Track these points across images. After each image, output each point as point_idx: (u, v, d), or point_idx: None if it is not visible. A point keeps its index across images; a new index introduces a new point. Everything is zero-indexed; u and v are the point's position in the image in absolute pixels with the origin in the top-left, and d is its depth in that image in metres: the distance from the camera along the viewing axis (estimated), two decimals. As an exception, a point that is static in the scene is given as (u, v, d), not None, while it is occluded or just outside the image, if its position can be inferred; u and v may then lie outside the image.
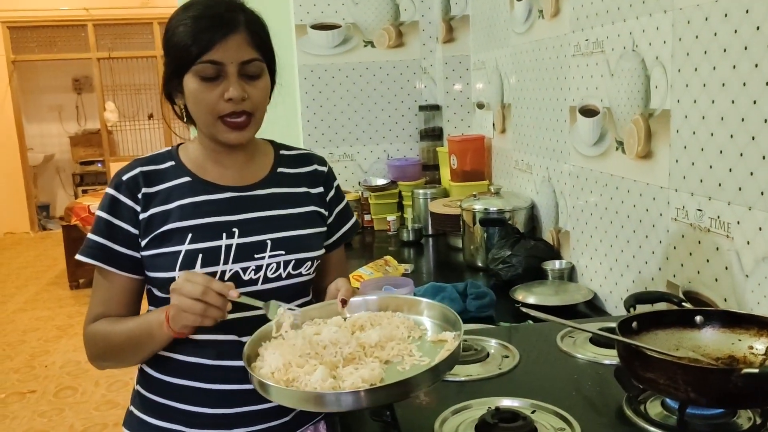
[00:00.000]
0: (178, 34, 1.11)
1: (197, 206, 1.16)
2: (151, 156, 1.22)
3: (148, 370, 1.21)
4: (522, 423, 0.95)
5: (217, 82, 1.11)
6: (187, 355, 1.16)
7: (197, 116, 1.15)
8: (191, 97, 1.12)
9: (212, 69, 1.10)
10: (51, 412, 3.44)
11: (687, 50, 1.33)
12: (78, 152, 8.38)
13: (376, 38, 3.02)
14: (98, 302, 1.18)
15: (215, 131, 1.14)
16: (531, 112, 2.23)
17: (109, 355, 1.17)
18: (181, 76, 1.12)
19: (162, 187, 1.17)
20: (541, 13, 2.08)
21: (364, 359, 0.98)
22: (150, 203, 1.15)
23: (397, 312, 1.13)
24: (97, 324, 1.16)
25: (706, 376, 0.88)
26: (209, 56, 1.09)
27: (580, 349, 1.25)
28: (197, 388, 1.16)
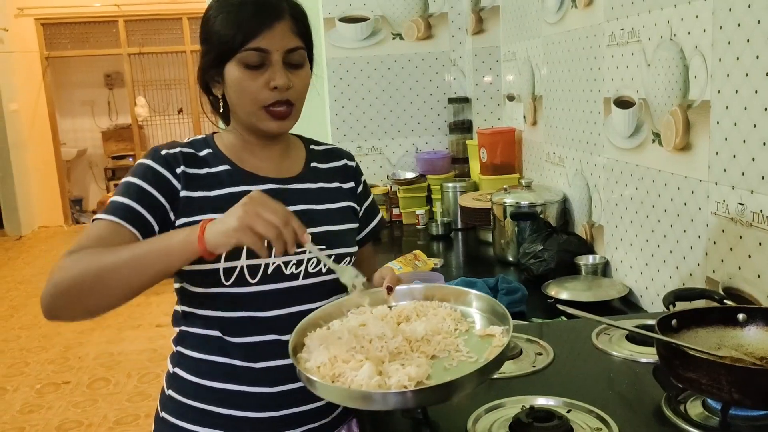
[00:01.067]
0: (221, 21, 1.08)
1: (238, 197, 1.05)
2: (189, 141, 1.18)
3: (183, 373, 1.15)
4: (557, 422, 0.92)
5: (261, 71, 1.08)
6: (228, 358, 1.11)
7: (239, 105, 1.12)
8: (234, 85, 1.09)
9: (257, 57, 1.07)
10: (85, 402, 3.49)
11: (728, 39, 1.29)
12: (110, 147, 8.49)
13: (405, 30, 2.99)
14: (84, 242, 1.03)
15: (257, 120, 1.12)
16: (563, 104, 2.18)
17: (84, 280, 0.98)
18: (222, 65, 1.09)
19: (202, 172, 1.13)
20: (574, 3, 2.03)
21: (410, 354, 0.96)
22: (191, 184, 1.11)
23: (444, 302, 1.11)
24: (79, 253, 1.01)
25: (751, 377, 0.85)
26: (255, 43, 1.07)
27: (616, 347, 1.22)
28: (240, 391, 1.11)
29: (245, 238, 0.91)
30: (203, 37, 1.12)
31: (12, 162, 7.19)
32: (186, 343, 1.16)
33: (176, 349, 1.18)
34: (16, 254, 6.79)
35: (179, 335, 1.18)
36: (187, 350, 1.15)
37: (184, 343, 1.16)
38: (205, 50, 1.11)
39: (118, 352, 4.14)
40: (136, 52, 7.81)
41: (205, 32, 1.11)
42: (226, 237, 0.93)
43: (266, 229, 0.91)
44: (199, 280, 1.10)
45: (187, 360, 1.14)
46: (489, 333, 1.01)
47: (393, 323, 1.04)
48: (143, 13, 7.61)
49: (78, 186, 8.64)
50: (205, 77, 1.14)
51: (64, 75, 8.24)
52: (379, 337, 0.98)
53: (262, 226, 0.91)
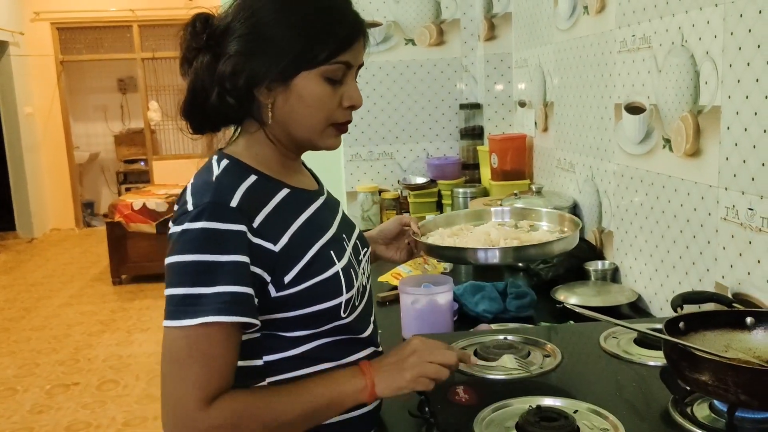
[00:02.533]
0: (303, 24, 0.96)
1: (314, 219, 1.04)
2: (226, 167, 0.99)
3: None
4: (564, 422, 0.92)
5: (338, 86, 1.00)
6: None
7: (305, 119, 1.00)
8: (308, 99, 0.98)
9: (343, 71, 0.99)
10: (94, 404, 3.51)
11: (739, 44, 1.29)
12: (122, 151, 8.58)
13: (417, 36, 3.01)
14: (215, 373, 0.89)
15: (320, 137, 1.02)
16: (574, 110, 2.19)
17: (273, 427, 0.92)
18: (293, 75, 0.97)
19: (269, 209, 0.98)
20: (586, 9, 2.04)
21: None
22: (273, 231, 0.96)
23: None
24: (235, 402, 0.90)
25: (758, 378, 0.85)
26: (345, 57, 0.98)
27: (624, 350, 1.22)
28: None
29: (419, 386, 0.98)
30: (254, 37, 0.96)
31: (25, 165, 7.27)
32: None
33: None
34: (28, 257, 6.85)
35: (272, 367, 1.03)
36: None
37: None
38: (271, 53, 0.96)
39: (128, 355, 4.16)
40: (150, 57, 7.88)
41: (263, 34, 0.96)
42: (399, 390, 0.97)
43: (439, 373, 0.98)
44: (321, 316, 1.00)
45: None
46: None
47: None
48: (157, 18, 7.68)
49: (90, 190, 8.71)
50: (254, 82, 0.97)
51: (78, 79, 8.33)
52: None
53: (435, 372, 0.97)
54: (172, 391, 0.88)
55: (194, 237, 0.90)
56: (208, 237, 0.90)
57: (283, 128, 1.02)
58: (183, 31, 1.02)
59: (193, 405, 0.87)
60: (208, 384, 0.88)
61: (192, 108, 1.03)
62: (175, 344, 0.89)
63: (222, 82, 0.97)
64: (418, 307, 1.52)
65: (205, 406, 0.88)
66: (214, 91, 0.98)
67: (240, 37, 0.97)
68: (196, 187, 0.97)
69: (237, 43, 0.97)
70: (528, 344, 1.26)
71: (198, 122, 1.05)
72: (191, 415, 0.87)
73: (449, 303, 1.54)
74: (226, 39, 0.98)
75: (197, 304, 0.88)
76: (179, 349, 0.88)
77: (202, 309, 0.88)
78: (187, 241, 0.90)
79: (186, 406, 0.87)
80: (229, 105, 0.99)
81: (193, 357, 0.88)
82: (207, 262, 0.89)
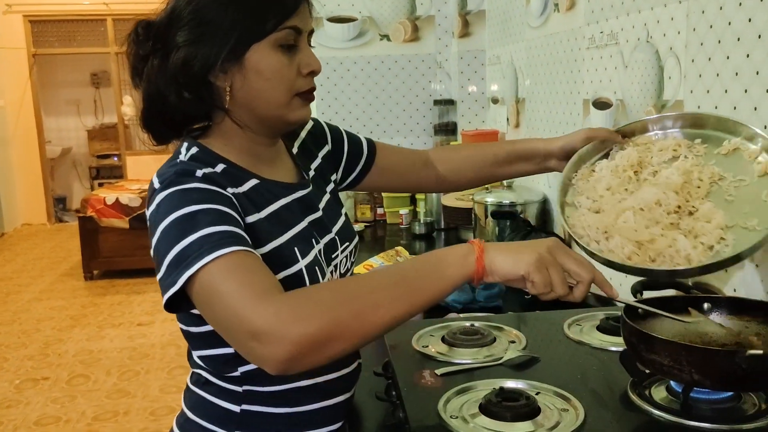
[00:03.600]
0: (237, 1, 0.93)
1: (280, 214, 1.01)
2: (194, 155, 0.98)
3: (256, 408, 1.02)
4: (525, 402, 0.95)
5: (292, 54, 0.97)
6: (312, 378, 1.04)
7: (268, 96, 0.97)
8: (266, 72, 0.95)
9: (294, 36, 0.96)
10: (63, 398, 3.48)
11: (701, 40, 1.33)
12: (95, 146, 8.47)
13: (392, 32, 3.03)
14: (255, 279, 0.83)
15: (288, 111, 1.00)
16: (545, 106, 2.22)
17: (339, 323, 0.79)
18: (244, 51, 0.94)
19: (239, 191, 0.97)
20: (557, 7, 2.07)
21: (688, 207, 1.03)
22: (245, 208, 0.95)
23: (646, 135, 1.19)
24: (302, 290, 0.86)
25: (710, 357, 0.88)
26: (292, 22, 0.96)
27: (587, 336, 1.25)
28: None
29: (536, 275, 0.85)
30: (197, 23, 0.94)
31: (-4, 158, 7.15)
32: (252, 381, 1.02)
33: (243, 388, 1.02)
34: (-2, 251, 6.75)
35: (241, 376, 1.01)
36: (258, 387, 1.02)
37: (250, 381, 1.02)
38: (219, 34, 0.94)
39: (98, 350, 4.12)
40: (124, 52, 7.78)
41: (205, 17, 0.94)
42: (515, 266, 0.85)
43: (563, 283, 0.87)
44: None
45: (260, 395, 1.02)
46: (733, 147, 1.06)
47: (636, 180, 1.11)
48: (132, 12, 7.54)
49: (62, 184, 8.60)
50: (203, 69, 0.95)
51: (51, 73, 8.21)
52: (657, 203, 1.03)
53: (561, 278, 0.87)
54: (228, 322, 0.81)
55: (166, 201, 0.89)
56: (179, 196, 0.89)
57: (249, 109, 0.99)
58: (126, 44, 1.00)
59: (250, 305, 0.79)
60: (251, 284, 0.81)
61: (151, 116, 1.01)
62: (200, 297, 0.83)
63: (176, 77, 0.95)
64: (387, 296, 1.54)
65: (264, 297, 0.80)
66: (171, 90, 0.96)
67: (183, 26, 0.95)
68: (162, 170, 0.96)
69: (182, 33, 0.95)
70: (494, 330, 1.28)
71: (160, 131, 1.03)
72: (251, 314, 0.78)
73: (419, 292, 1.56)
74: (170, 34, 0.96)
75: (195, 248, 0.84)
76: (207, 293, 0.82)
77: (200, 252, 0.83)
78: (162, 210, 0.89)
79: (243, 316, 0.79)
80: (188, 101, 0.97)
81: (225, 284, 0.81)
82: (185, 214, 0.87)
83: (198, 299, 0.85)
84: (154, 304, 4.89)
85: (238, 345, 0.83)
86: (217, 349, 0.99)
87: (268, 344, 0.77)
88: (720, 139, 1.15)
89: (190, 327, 1.01)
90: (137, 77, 1.01)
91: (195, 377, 1.08)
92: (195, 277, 0.83)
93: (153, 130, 1.03)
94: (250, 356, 0.82)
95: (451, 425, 0.93)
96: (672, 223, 1.05)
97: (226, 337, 0.85)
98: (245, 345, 0.81)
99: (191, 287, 0.84)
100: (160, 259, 0.88)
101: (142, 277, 5.55)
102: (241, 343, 0.81)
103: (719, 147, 1.14)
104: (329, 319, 0.79)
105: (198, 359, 1.04)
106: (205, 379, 1.05)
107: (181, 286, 0.83)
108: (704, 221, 1.03)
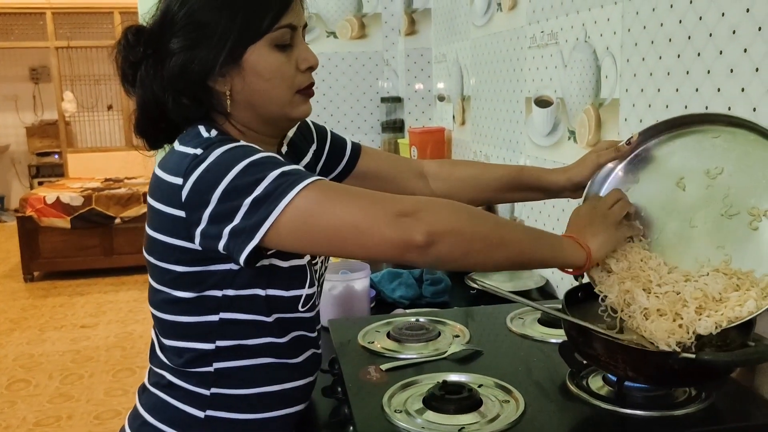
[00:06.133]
0: (230, 2, 0.93)
1: None
2: (217, 135, 0.97)
3: (221, 414, 1.01)
4: (468, 395, 0.97)
5: (289, 51, 0.97)
6: (282, 383, 1.05)
7: (270, 95, 0.97)
8: (266, 72, 0.95)
9: (289, 34, 0.96)
10: (2, 404, 3.37)
11: (635, 40, 1.37)
12: (34, 143, 8.18)
13: (339, 29, 3.02)
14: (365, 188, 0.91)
15: (290, 108, 1.00)
16: (489, 104, 2.26)
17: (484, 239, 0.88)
18: (241, 53, 0.94)
19: None
20: (500, 6, 2.11)
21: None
22: None
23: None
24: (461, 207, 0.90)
25: (644, 357, 0.91)
26: (287, 19, 0.95)
27: (529, 330, 1.28)
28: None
29: (627, 232, 1.04)
30: (192, 28, 0.93)
31: (-73, 156, 6.86)
32: (222, 383, 1.01)
33: (212, 391, 1.01)
34: (-69, 253, 6.47)
35: (213, 375, 1.00)
36: (227, 389, 1.01)
37: (220, 382, 1.01)
38: (208, 41, 0.93)
39: (39, 353, 4.00)
40: (65, 46, 7.57)
41: (199, 21, 0.93)
42: (612, 249, 1.03)
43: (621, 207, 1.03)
44: (274, 307, 0.99)
45: (227, 399, 1.01)
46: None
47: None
48: (73, 5, 7.38)
49: (-1, 183, 8.30)
50: (201, 74, 0.94)
51: (-14, 67, 7.91)
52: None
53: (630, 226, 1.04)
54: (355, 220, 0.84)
55: (221, 159, 0.88)
56: (234, 151, 0.89)
57: (250, 111, 0.99)
58: (116, 50, 0.98)
59: (383, 197, 0.87)
60: (365, 189, 0.89)
61: (146, 123, 1.00)
62: (301, 220, 0.84)
63: (173, 83, 0.95)
64: (335, 293, 1.55)
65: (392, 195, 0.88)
66: (168, 96, 0.96)
67: (178, 31, 0.94)
68: (190, 144, 0.93)
69: (176, 39, 0.94)
70: (438, 325, 1.30)
71: (155, 136, 1.02)
72: (392, 201, 0.86)
73: (366, 289, 1.57)
74: (163, 39, 0.95)
75: (279, 183, 0.85)
76: (312, 212, 0.84)
77: (288, 184, 0.84)
78: (219, 167, 0.87)
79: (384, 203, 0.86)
80: (186, 106, 0.96)
81: (339, 194, 0.87)
82: (250, 162, 0.87)
83: (298, 224, 0.84)
84: (98, 305, 4.77)
85: (381, 227, 0.83)
86: (195, 343, 0.99)
87: (422, 218, 0.83)
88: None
89: (173, 316, 1.00)
90: (128, 83, 0.99)
91: (155, 378, 1.06)
92: (292, 202, 0.83)
93: (148, 135, 1.02)
94: (398, 233, 0.83)
95: (395, 419, 0.95)
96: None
97: (351, 237, 0.85)
98: (391, 225, 0.83)
99: (284, 218, 0.84)
100: (233, 208, 0.86)
101: (85, 278, 5.41)
102: (385, 224, 0.83)
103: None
104: (476, 222, 0.88)
105: (167, 355, 1.03)
106: (168, 381, 1.03)
107: (274, 218, 0.83)
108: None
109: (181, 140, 0.97)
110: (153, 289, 1.02)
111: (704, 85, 1.18)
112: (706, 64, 1.17)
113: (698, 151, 1.07)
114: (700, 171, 1.05)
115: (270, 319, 1.00)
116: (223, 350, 0.99)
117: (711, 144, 1.06)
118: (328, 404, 1.12)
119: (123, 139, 7.90)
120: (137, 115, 1.00)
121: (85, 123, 8.08)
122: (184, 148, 0.94)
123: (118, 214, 5.46)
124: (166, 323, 1.01)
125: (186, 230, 0.91)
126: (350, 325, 1.33)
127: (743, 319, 0.90)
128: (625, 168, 1.15)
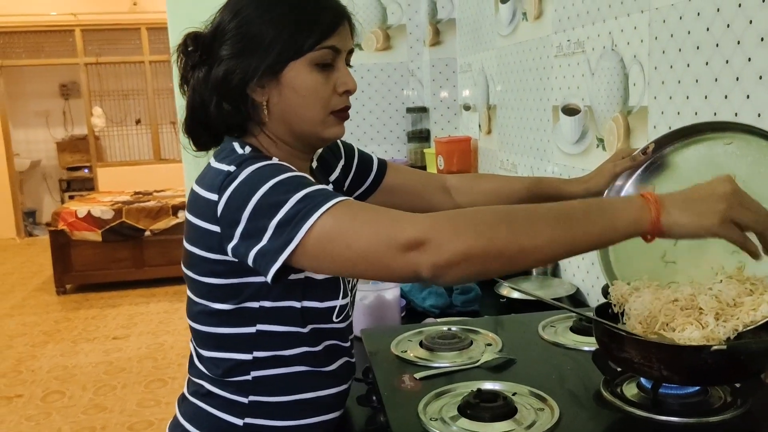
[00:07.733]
0: (279, 18, 0.97)
1: None
2: (251, 152, 1.01)
3: (262, 421, 1.04)
4: (502, 403, 0.98)
5: (328, 72, 1.00)
6: (316, 391, 1.07)
7: (303, 112, 1.00)
8: (302, 89, 0.98)
9: (332, 56, 0.99)
10: (38, 416, 3.43)
11: (663, 48, 1.38)
12: (65, 158, 8.36)
13: (365, 41, 3.06)
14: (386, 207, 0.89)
15: (323, 128, 1.02)
16: (516, 113, 2.27)
17: (515, 248, 0.80)
18: (281, 68, 0.98)
19: None
20: (525, 16, 2.12)
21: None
22: None
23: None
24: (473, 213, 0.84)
25: (677, 354, 0.91)
26: (331, 41, 0.98)
27: (561, 337, 1.28)
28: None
29: (730, 233, 0.82)
30: (239, 38, 0.98)
31: (-37, 173, 7.02)
32: (260, 390, 1.04)
33: (250, 399, 1.04)
34: (-33, 267, 6.62)
35: (250, 383, 1.03)
36: (265, 397, 1.04)
37: (258, 390, 1.04)
38: (252, 52, 0.97)
39: (73, 365, 4.07)
40: (93, 62, 7.73)
41: (247, 33, 0.97)
42: (698, 230, 0.82)
43: (756, 222, 0.83)
44: (309, 318, 1.02)
45: (264, 407, 1.04)
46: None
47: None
48: (101, 22, 7.54)
49: (31, 198, 8.47)
50: (242, 82, 0.98)
51: (18, 84, 8.10)
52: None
53: (752, 219, 0.82)
54: (370, 246, 0.83)
55: (253, 176, 0.90)
56: (265, 169, 0.91)
57: (284, 125, 1.02)
58: (177, 54, 1.04)
59: (400, 221, 0.83)
60: (386, 211, 0.86)
61: (193, 124, 1.05)
62: (321, 243, 0.85)
63: (217, 87, 0.99)
64: (366, 303, 1.56)
65: (411, 215, 0.84)
66: (212, 100, 1.00)
67: (227, 40, 0.99)
68: (223, 162, 0.96)
69: (226, 46, 0.99)
70: (470, 334, 1.31)
71: (200, 138, 1.07)
72: (405, 227, 0.82)
73: (396, 298, 1.59)
74: (214, 46, 1.00)
75: (306, 203, 0.85)
76: (333, 235, 0.84)
77: (313, 204, 0.85)
78: (250, 184, 0.90)
79: (395, 231, 0.82)
80: (227, 111, 1.00)
81: (357, 217, 0.85)
82: (279, 181, 0.89)
83: (318, 248, 0.85)
84: (129, 317, 4.85)
85: (387, 261, 0.83)
86: (233, 353, 1.02)
87: (426, 250, 0.80)
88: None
89: (209, 327, 1.03)
90: (185, 86, 1.05)
91: (194, 387, 1.09)
92: (312, 228, 0.84)
93: (194, 135, 1.07)
94: (404, 267, 0.82)
95: (431, 427, 0.96)
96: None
97: (362, 266, 0.85)
98: (397, 259, 0.82)
99: (306, 242, 0.85)
100: (260, 229, 0.88)
101: (116, 290, 5.50)
102: (391, 258, 0.82)
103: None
104: (488, 238, 0.80)
105: (206, 365, 1.05)
106: (207, 390, 1.06)
107: (297, 243, 0.84)
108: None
109: (217, 156, 1.01)
110: (191, 301, 1.05)
111: (733, 92, 1.18)
112: (735, 71, 1.17)
113: (711, 158, 1.08)
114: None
115: (305, 330, 1.02)
116: (260, 360, 1.02)
117: (724, 151, 1.07)
118: (363, 413, 1.14)
119: (152, 153, 8.03)
120: (186, 114, 1.05)
121: (114, 137, 8.23)
122: (219, 165, 0.97)
123: (148, 226, 5.54)
124: (204, 335, 1.04)
125: (220, 244, 0.94)
126: (382, 334, 1.35)
127: (758, 323, 0.91)
128: (640, 176, 1.17)
